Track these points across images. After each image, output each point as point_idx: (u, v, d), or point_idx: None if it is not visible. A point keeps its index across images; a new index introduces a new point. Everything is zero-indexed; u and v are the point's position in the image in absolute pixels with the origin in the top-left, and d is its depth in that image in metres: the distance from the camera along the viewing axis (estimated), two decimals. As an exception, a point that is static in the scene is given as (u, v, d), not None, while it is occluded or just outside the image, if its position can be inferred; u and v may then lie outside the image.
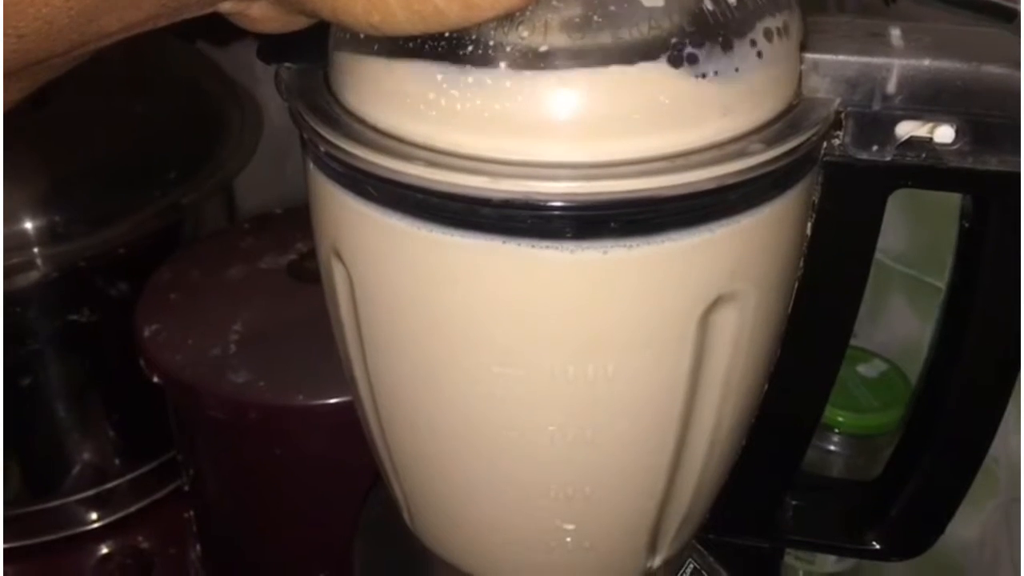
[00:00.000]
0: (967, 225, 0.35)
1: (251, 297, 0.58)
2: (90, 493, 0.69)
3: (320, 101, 0.31)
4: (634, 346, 0.30)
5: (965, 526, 0.61)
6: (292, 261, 0.60)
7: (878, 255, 0.63)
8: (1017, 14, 0.49)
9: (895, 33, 0.32)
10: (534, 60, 0.28)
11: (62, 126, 0.65)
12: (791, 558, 0.63)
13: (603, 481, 0.34)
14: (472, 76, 0.28)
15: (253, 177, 0.79)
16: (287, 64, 0.33)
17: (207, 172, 0.67)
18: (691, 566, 0.40)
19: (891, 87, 0.31)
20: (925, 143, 0.32)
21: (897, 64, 0.31)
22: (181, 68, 0.75)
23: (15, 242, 0.59)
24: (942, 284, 0.60)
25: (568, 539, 0.35)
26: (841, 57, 0.31)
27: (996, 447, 0.57)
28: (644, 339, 0.30)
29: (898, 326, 0.65)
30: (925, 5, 0.52)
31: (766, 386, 0.36)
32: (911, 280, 0.63)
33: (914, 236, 0.62)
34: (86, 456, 0.68)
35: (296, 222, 0.63)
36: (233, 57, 0.80)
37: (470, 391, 0.32)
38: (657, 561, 0.38)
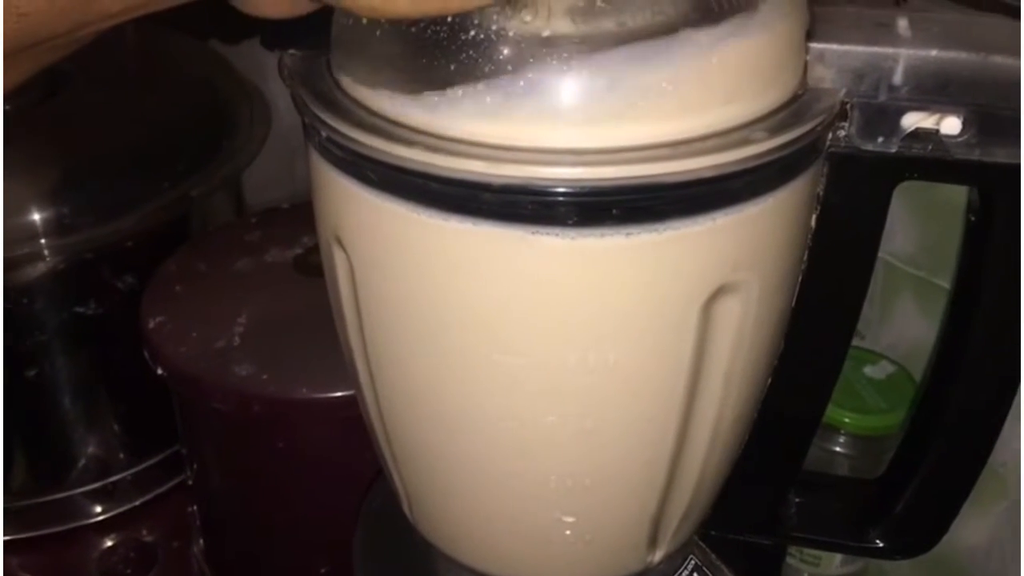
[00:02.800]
0: (973, 219, 0.35)
1: (257, 290, 0.58)
2: (95, 486, 0.68)
3: (322, 86, 0.31)
4: (635, 335, 0.30)
5: (972, 530, 0.60)
6: (298, 255, 0.60)
7: (887, 257, 0.63)
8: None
9: (902, 23, 0.31)
10: (537, 46, 0.27)
11: (72, 118, 0.65)
12: (796, 561, 0.63)
13: (603, 472, 0.34)
14: (473, 61, 0.28)
15: (263, 177, 0.79)
16: (290, 50, 0.33)
17: (215, 165, 0.67)
18: (692, 562, 0.40)
19: (897, 77, 0.31)
20: (931, 135, 0.31)
21: (904, 54, 0.30)
22: (192, 64, 0.75)
23: (23, 233, 0.59)
24: (950, 285, 0.60)
25: (568, 532, 0.35)
26: (847, 47, 0.31)
27: (1004, 451, 0.56)
28: (645, 328, 0.30)
29: (906, 328, 0.64)
30: (938, 4, 0.52)
31: (769, 380, 0.36)
32: (919, 282, 0.62)
33: (923, 238, 0.61)
34: (91, 449, 0.68)
35: (303, 217, 0.62)
36: (244, 56, 0.80)
37: (469, 379, 0.32)
38: (658, 556, 0.38)
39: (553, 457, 0.33)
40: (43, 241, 0.60)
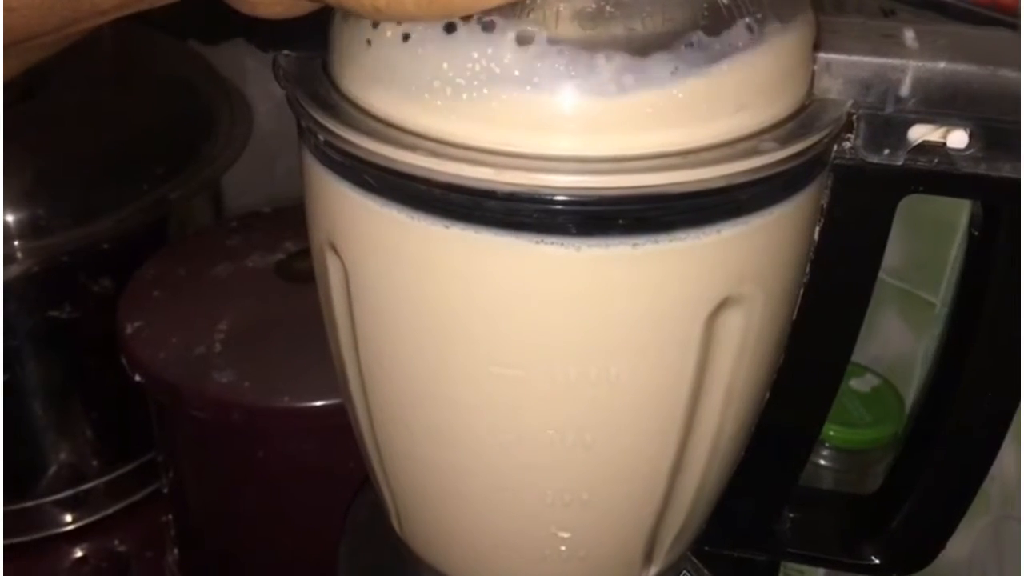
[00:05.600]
0: (976, 233, 0.34)
1: (237, 296, 0.57)
2: (66, 494, 0.67)
3: (319, 89, 0.30)
4: (639, 348, 0.30)
5: (954, 544, 0.60)
6: (280, 261, 0.59)
7: (872, 268, 0.62)
8: (1017, 28, 0.49)
9: (909, 35, 0.31)
10: (543, 50, 0.27)
11: (48, 119, 0.64)
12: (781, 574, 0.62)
13: (602, 487, 0.33)
14: (479, 65, 0.27)
15: (242, 179, 0.78)
16: (285, 52, 0.32)
17: (195, 168, 0.66)
18: (686, 578, 0.40)
19: (905, 89, 0.30)
20: (938, 148, 0.31)
21: (911, 66, 0.30)
22: (171, 65, 0.74)
23: (-4, 235, 0.58)
24: (935, 299, 0.60)
25: (563, 547, 0.34)
26: (854, 58, 0.30)
27: (988, 465, 0.56)
28: (649, 341, 0.30)
29: (891, 340, 0.64)
30: (925, 19, 0.52)
31: (768, 394, 0.35)
32: (904, 294, 0.62)
33: (908, 250, 0.61)
34: (63, 456, 0.67)
35: (284, 221, 0.62)
36: (224, 57, 0.79)
37: (467, 391, 0.31)
38: (652, 572, 0.37)
39: (551, 471, 0.32)
40: (17, 243, 0.59)
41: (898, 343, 0.64)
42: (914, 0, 0.52)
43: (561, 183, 0.27)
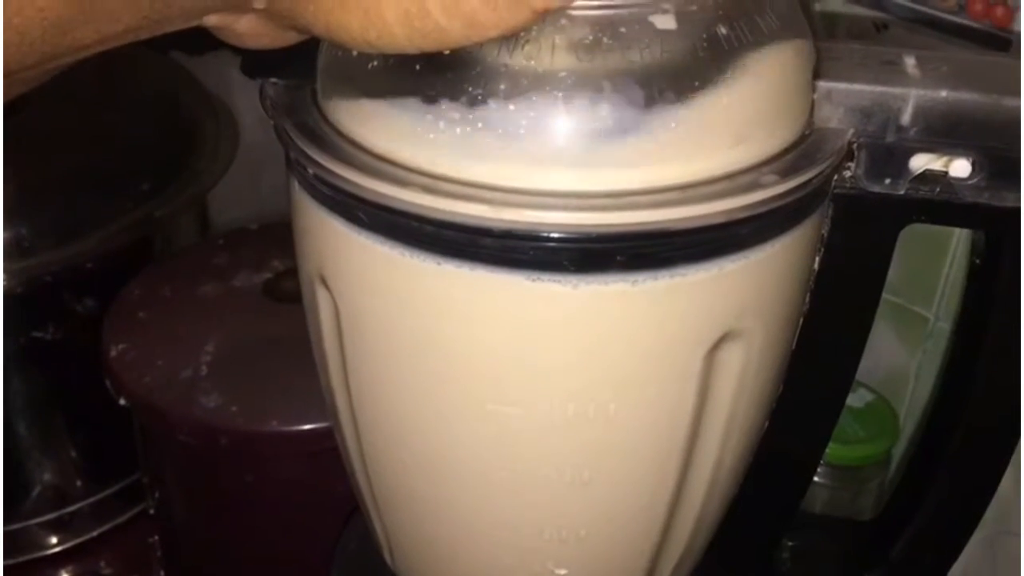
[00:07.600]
0: (978, 261, 0.34)
1: (224, 317, 0.56)
2: (50, 516, 0.66)
3: (308, 120, 0.30)
4: (638, 384, 0.29)
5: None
6: (268, 280, 0.58)
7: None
8: (1011, 43, 0.49)
9: (910, 62, 0.30)
10: (539, 82, 0.26)
11: (30, 136, 0.62)
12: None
13: (599, 523, 0.32)
14: (473, 98, 0.26)
15: (227, 192, 0.77)
16: (273, 80, 0.32)
17: (180, 185, 0.65)
18: (684, 609, 0.39)
19: (906, 118, 0.30)
20: (940, 177, 0.30)
21: (913, 94, 0.30)
22: (154, 79, 0.73)
23: (-23, 255, 0.57)
24: (929, 313, 0.59)
25: (559, 583, 0.34)
26: (855, 86, 0.30)
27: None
28: (648, 377, 0.29)
29: (884, 354, 0.64)
30: (917, 33, 0.51)
31: (767, 424, 0.35)
32: (898, 309, 0.62)
33: (901, 264, 0.61)
34: (47, 478, 0.66)
35: (272, 239, 0.61)
36: (208, 68, 0.78)
37: (462, 428, 0.30)
38: (649, 604, 0.37)
39: (547, 508, 0.32)
40: (-1, 264, 0.58)
41: (891, 357, 0.63)
42: (907, 15, 0.51)
43: (558, 220, 0.26)
